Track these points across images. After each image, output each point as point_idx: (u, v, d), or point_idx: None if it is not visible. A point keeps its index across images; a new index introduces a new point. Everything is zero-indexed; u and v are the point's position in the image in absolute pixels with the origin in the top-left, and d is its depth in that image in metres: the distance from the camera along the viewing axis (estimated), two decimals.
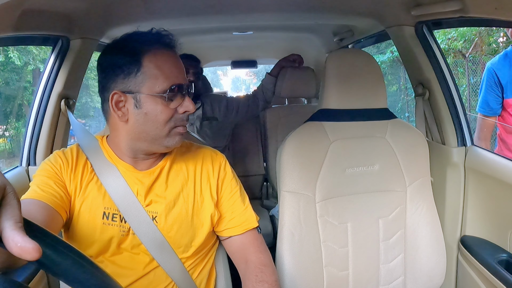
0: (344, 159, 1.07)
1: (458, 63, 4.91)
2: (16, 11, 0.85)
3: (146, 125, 0.75)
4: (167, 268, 0.80)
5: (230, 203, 0.88)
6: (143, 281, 0.80)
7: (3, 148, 5.49)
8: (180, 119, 0.77)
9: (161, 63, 0.74)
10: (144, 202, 0.80)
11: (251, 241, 0.88)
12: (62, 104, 1.15)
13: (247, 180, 2.13)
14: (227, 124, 1.94)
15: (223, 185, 0.88)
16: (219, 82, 17.69)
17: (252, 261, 0.85)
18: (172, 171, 0.85)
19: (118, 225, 0.79)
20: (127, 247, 0.80)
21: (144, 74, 0.73)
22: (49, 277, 1.11)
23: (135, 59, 0.73)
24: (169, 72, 0.74)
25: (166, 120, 0.75)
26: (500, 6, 0.85)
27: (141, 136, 0.77)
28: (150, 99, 0.73)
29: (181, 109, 0.76)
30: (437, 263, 1.11)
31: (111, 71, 0.75)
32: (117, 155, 0.82)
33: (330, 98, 1.09)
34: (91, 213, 0.78)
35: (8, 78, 5.49)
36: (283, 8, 1.38)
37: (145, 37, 0.76)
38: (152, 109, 0.74)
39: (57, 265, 0.40)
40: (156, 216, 0.81)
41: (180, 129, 0.77)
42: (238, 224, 0.88)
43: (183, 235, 0.82)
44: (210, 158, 0.89)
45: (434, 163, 1.19)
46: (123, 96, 0.74)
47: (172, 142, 0.77)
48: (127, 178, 0.81)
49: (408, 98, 5.96)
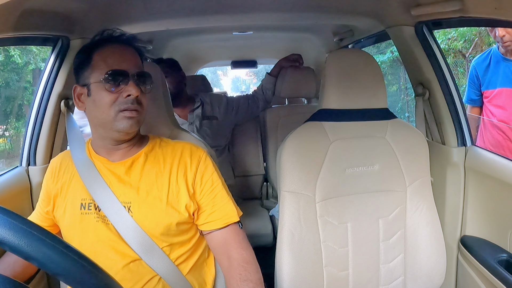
0: (344, 159, 1.07)
1: (458, 63, 4.91)
2: (16, 11, 0.85)
3: (95, 110, 0.84)
4: (147, 259, 0.82)
5: (211, 196, 0.90)
6: (126, 274, 0.82)
7: (3, 148, 5.49)
8: (123, 102, 0.82)
9: (106, 55, 0.83)
10: (118, 192, 0.85)
11: (232, 236, 0.89)
12: (62, 104, 1.15)
13: (247, 180, 2.13)
14: (227, 123, 1.94)
15: (202, 178, 0.90)
16: (219, 82, 17.69)
17: (234, 258, 0.86)
18: (148, 162, 0.89)
19: (93, 212, 0.86)
20: (107, 236, 0.84)
21: (93, 67, 0.83)
22: (49, 277, 1.11)
23: (87, 56, 0.84)
24: (112, 61, 0.82)
25: (110, 103, 0.82)
26: (500, 6, 0.85)
27: (95, 122, 0.87)
28: (96, 87, 0.83)
29: (124, 93, 0.82)
30: (437, 263, 1.11)
31: (75, 70, 0.88)
32: (94, 151, 0.91)
33: (330, 98, 1.09)
34: (72, 206, 0.88)
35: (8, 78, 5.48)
36: (283, 8, 1.38)
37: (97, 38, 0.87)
38: (97, 95, 0.82)
39: (57, 265, 0.40)
40: (131, 206, 0.85)
41: (126, 113, 0.82)
42: (218, 217, 0.89)
43: (158, 224, 0.84)
44: (189, 151, 0.92)
45: (434, 163, 1.19)
46: (80, 88, 0.86)
47: (121, 126, 0.82)
48: (101, 169, 0.88)
49: (408, 98, 5.96)
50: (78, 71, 0.86)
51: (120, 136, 0.86)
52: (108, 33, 0.87)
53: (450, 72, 1.23)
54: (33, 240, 0.40)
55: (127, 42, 0.87)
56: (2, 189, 1.03)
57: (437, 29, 1.23)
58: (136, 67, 0.85)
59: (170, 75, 1.70)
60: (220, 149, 1.92)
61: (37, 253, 0.40)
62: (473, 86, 1.89)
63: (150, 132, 1.00)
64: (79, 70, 0.86)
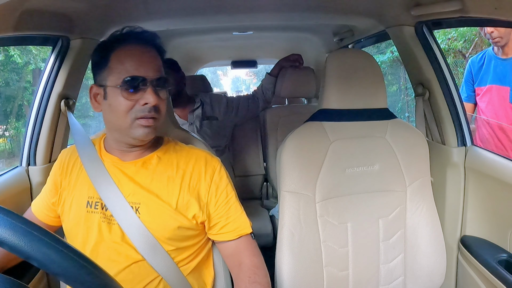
0: (344, 159, 1.07)
1: (458, 63, 4.91)
2: (16, 11, 0.85)
3: (111, 115, 0.81)
4: (152, 261, 0.81)
5: (225, 208, 0.88)
6: (127, 275, 0.81)
7: (3, 148, 5.48)
8: (140, 110, 0.78)
9: (123, 58, 0.79)
10: (127, 191, 0.83)
11: (245, 246, 0.89)
12: (62, 104, 1.15)
13: (247, 180, 2.13)
14: (227, 123, 1.94)
15: (218, 190, 0.88)
16: (219, 82, 17.69)
17: (245, 263, 0.86)
18: (160, 165, 0.87)
19: (99, 212, 0.83)
20: (110, 237, 0.82)
21: (110, 69, 0.79)
22: (49, 277, 1.11)
23: (105, 56, 0.80)
24: (129, 66, 0.78)
25: (126, 111, 0.78)
26: (500, 6, 0.85)
27: (110, 126, 0.84)
28: (112, 91, 0.79)
29: (141, 101, 0.78)
30: (437, 263, 1.11)
31: (93, 67, 0.84)
32: (106, 150, 0.89)
33: (330, 98, 1.09)
34: (78, 204, 0.85)
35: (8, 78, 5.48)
36: (283, 8, 1.38)
37: (116, 36, 0.83)
38: (113, 100, 0.79)
39: (57, 265, 0.40)
40: (139, 207, 0.83)
41: (142, 121, 0.79)
42: (232, 229, 0.88)
43: (166, 228, 0.83)
44: (204, 159, 0.89)
45: (434, 163, 1.19)
46: (97, 88, 0.82)
47: (137, 134, 0.80)
48: (111, 169, 0.85)
49: (408, 98, 5.96)
50: (95, 70, 0.83)
51: (135, 142, 0.83)
52: (128, 30, 0.82)
53: (450, 72, 1.23)
54: (33, 240, 0.40)
55: (148, 41, 0.82)
56: (2, 189, 1.03)
57: (437, 29, 1.23)
58: (156, 71, 0.80)
59: (169, 75, 1.70)
60: (220, 149, 1.92)
61: (37, 253, 0.40)
62: (468, 83, 1.97)
63: None
64: (96, 69, 0.82)
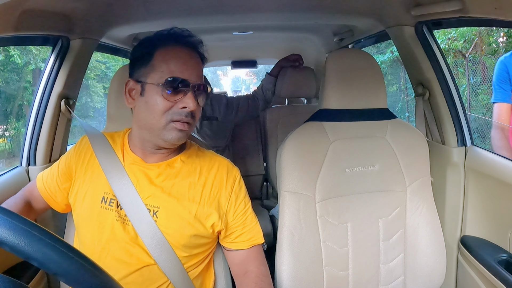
0: (344, 159, 1.07)
1: (458, 63, 4.91)
2: (16, 11, 0.85)
3: (145, 113, 0.79)
4: (164, 266, 0.80)
5: (242, 218, 0.89)
6: (137, 278, 0.80)
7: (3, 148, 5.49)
8: (178, 113, 0.77)
9: (169, 58, 0.77)
10: (146, 194, 0.81)
11: (255, 256, 0.89)
12: (62, 104, 1.15)
13: (247, 180, 2.11)
14: (227, 123, 1.94)
15: (237, 199, 0.88)
16: (219, 82, 17.69)
17: (252, 271, 0.87)
18: (183, 170, 0.85)
19: (114, 210, 0.81)
20: (123, 237, 0.80)
21: (152, 66, 0.78)
22: (49, 277, 1.11)
23: (148, 52, 0.79)
24: (174, 67, 0.77)
25: (163, 111, 0.76)
26: (500, 6, 0.85)
27: (141, 123, 0.81)
28: (152, 89, 0.77)
29: (180, 104, 0.77)
30: (437, 263, 1.11)
31: (132, 62, 0.83)
32: (130, 147, 0.87)
33: (330, 98, 1.09)
34: (92, 197, 0.83)
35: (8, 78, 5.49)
36: (283, 8, 1.38)
37: (163, 34, 0.81)
38: (151, 98, 0.77)
39: (57, 265, 0.40)
40: (158, 211, 0.81)
41: (177, 124, 0.77)
42: (246, 239, 0.89)
43: (183, 235, 0.82)
44: (226, 168, 0.89)
45: (434, 163, 1.19)
46: (134, 84, 0.80)
47: (169, 136, 0.78)
48: (131, 167, 0.84)
49: (408, 98, 5.96)
50: (135, 64, 0.81)
51: (164, 145, 0.81)
52: (176, 31, 0.81)
53: (450, 72, 1.23)
54: (33, 240, 0.40)
55: (194, 46, 0.81)
56: (2, 189, 1.03)
57: (437, 29, 1.23)
58: (198, 77, 0.79)
59: None
60: (220, 149, 1.92)
61: (37, 253, 0.40)
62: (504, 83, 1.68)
63: None
64: (137, 64, 0.80)
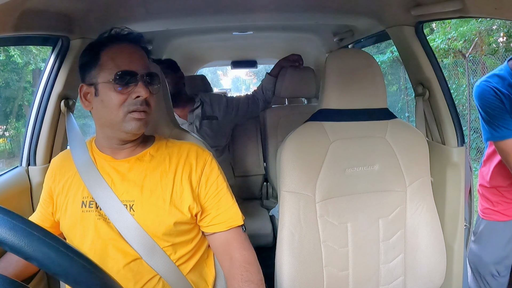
0: (344, 159, 1.07)
1: (458, 63, 4.91)
2: (16, 11, 0.85)
3: (103, 111, 0.83)
4: (148, 259, 0.82)
5: (215, 200, 0.90)
6: (127, 273, 0.82)
7: (3, 148, 5.49)
8: (133, 103, 0.81)
9: (114, 55, 0.82)
10: (120, 190, 0.85)
11: (234, 237, 0.90)
12: (62, 104, 1.15)
13: (247, 180, 2.13)
14: (227, 123, 1.94)
15: (208, 181, 0.90)
16: (219, 82, 17.71)
17: (236, 258, 0.87)
18: (153, 162, 0.89)
19: (94, 210, 0.85)
20: (108, 234, 0.84)
21: (101, 66, 0.82)
22: (49, 277, 1.11)
23: (95, 55, 0.83)
24: (120, 62, 0.81)
25: (118, 104, 0.81)
26: (500, 6, 0.85)
27: (102, 122, 0.86)
28: (104, 87, 0.81)
29: (133, 95, 0.81)
30: (437, 263, 1.11)
31: (81, 67, 0.86)
32: (98, 149, 0.91)
33: (330, 98, 1.09)
34: (73, 205, 0.87)
35: (8, 78, 5.49)
36: (283, 8, 1.38)
37: (104, 36, 0.86)
38: (106, 95, 0.81)
39: (57, 265, 0.40)
40: (133, 204, 0.84)
41: (134, 114, 0.81)
42: (223, 220, 0.90)
43: (160, 224, 0.84)
44: (195, 152, 0.92)
45: (434, 163, 1.19)
46: (87, 87, 0.85)
47: (129, 127, 0.82)
48: (105, 167, 0.88)
49: (408, 98, 5.97)
50: (84, 70, 0.85)
51: (127, 137, 0.85)
52: (116, 31, 0.86)
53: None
54: (33, 240, 0.40)
55: (135, 41, 0.86)
56: (2, 189, 1.03)
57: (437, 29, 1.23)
58: (145, 67, 0.84)
59: (168, 75, 1.71)
60: (220, 149, 1.92)
61: (37, 253, 0.40)
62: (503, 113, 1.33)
63: (150, 132, 1.00)
64: (86, 69, 0.84)
